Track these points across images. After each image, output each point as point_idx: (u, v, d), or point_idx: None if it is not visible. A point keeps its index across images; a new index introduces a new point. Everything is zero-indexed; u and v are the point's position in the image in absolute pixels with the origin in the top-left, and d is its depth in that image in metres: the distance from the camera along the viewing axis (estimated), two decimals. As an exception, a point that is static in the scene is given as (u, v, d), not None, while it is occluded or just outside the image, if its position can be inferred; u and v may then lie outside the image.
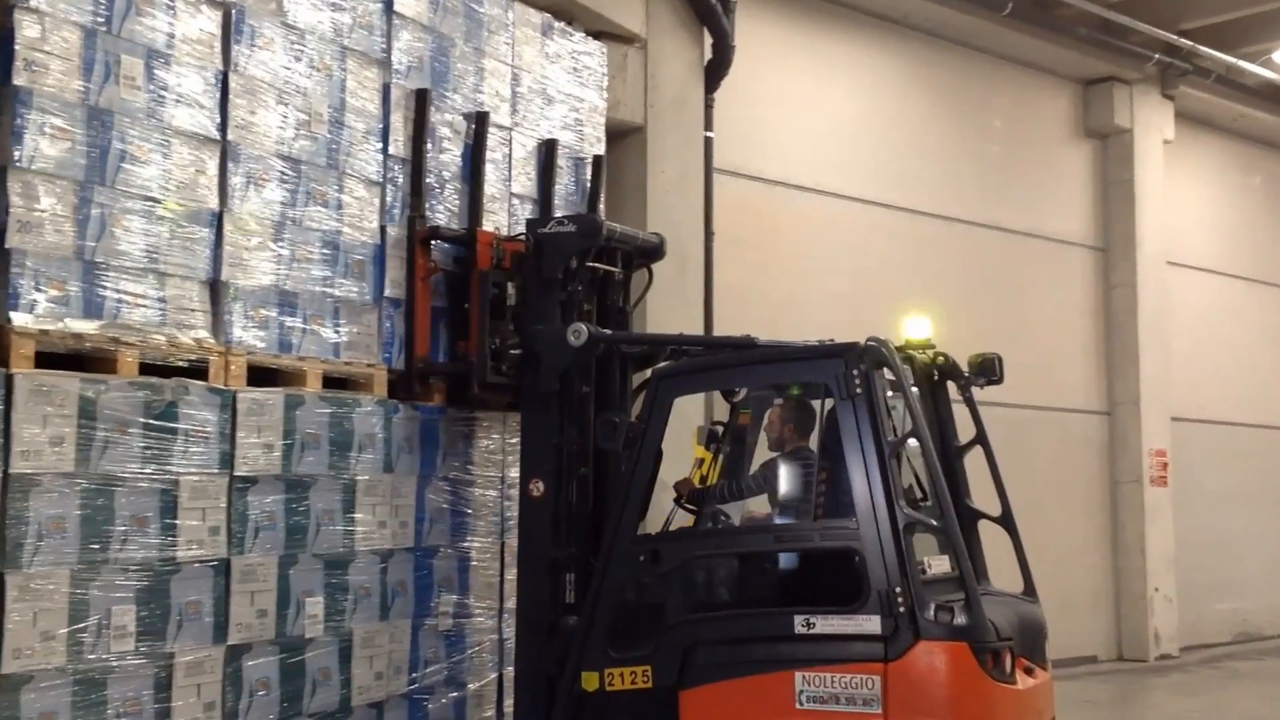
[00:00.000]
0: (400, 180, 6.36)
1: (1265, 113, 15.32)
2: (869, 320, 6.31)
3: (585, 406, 6.13)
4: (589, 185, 7.62)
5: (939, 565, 5.41)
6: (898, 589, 5.02)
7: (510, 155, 7.05)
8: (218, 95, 5.47)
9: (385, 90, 6.29)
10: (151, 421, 5.01)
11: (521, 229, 6.77)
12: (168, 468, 5.07)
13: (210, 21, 5.45)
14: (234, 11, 5.53)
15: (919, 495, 5.63)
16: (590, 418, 6.12)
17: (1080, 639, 12.96)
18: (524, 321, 6.28)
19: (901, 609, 5.00)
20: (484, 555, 6.70)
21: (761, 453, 6.15)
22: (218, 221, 5.46)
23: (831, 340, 5.64)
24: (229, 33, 5.52)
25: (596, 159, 7.66)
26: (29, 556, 4.60)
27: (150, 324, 5.17)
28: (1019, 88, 13.38)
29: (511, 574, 6.81)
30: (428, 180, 6.46)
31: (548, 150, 7.29)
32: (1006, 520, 5.83)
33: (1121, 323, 13.92)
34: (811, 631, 5.14)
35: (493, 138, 6.87)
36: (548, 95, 7.37)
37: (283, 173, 5.74)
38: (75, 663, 4.72)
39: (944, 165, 12.53)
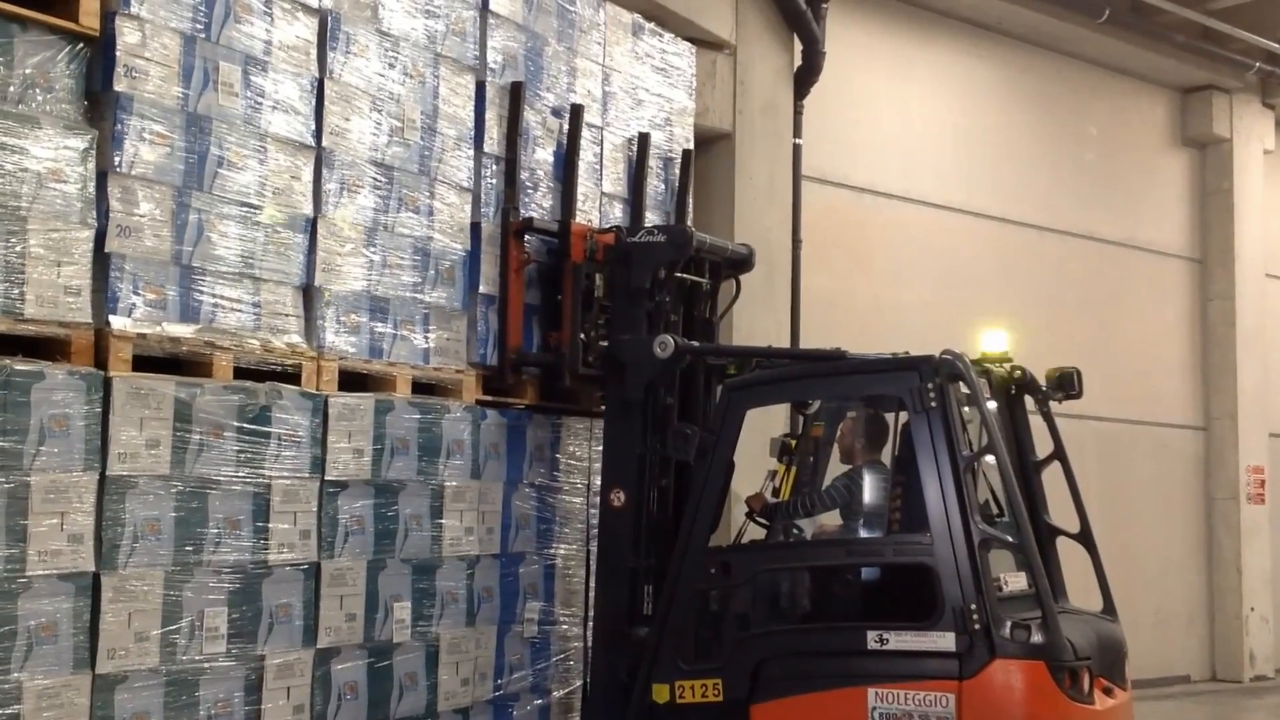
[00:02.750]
0: (494, 178, 6.37)
1: (1369, 121, 14.91)
2: (958, 330, 6.24)
3: (669, 417, 6.11)
4: (678, 185, 7.59)
5: (1015, 582, 5.34)
6: (973, 605, 4.95)
7: (601, 154, 7.05)
8: (313, 102, 5.51)
9: (479, 90, 6.31)
10: (245, 425, 5.06)
11: (613, 226, 6.77)
12: (260, 471, 5.11)
13: (306, 28, 5.50)
14: (329, 18, 5.58)
15: (995, 511, 5.55)
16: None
17: (1174, 658, 12.69)
18: (611, 326, 6.27)
19: (976, 626, 4.94)
20: (570, 562, 6.69)
21: (835, 466, 6.10)
22: (311, 227, 5.50)
23: (907, 352, 5.57)
24: (324, 40, 5.57)
25: (685, 155, 7.64)
26: (124, 558, 4.65)
27: (245, 328, 5.21)
28: (1115, 95, 13.13)
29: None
30: (521, 176, 6.46)
31: (640, 148, 7.28)
32: (1085, 537, 5.74)
33: (1219, 336, 13.61)
34: (885, 647, 5.09)
35: (584, 136, 6.85)
36: (637, 96, 7.38)
37: (375, 179, 5.77)
38: (168, 663, 4.77)
39: (1038, 173, 12.33)
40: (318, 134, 5.52)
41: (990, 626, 4.92)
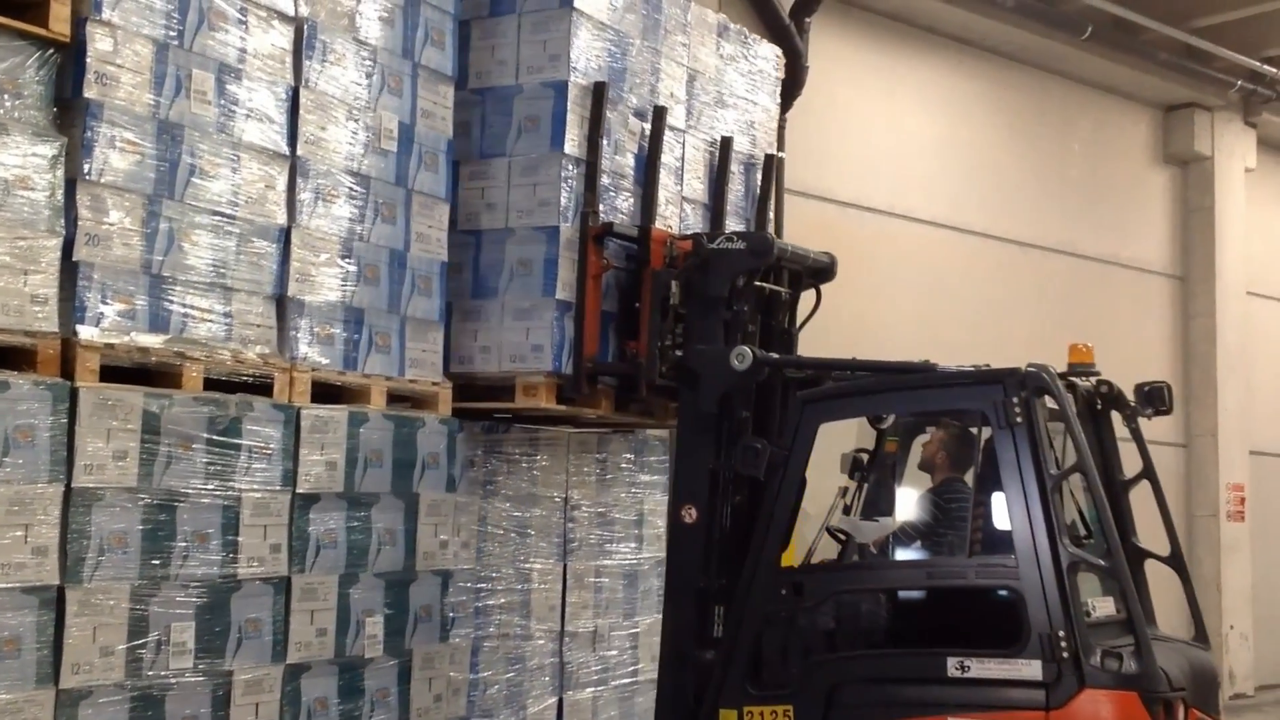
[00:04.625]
0: (574, 180, 6.19)
1: (1351, 140, 14.98)
2: (943, 345, 6.17)
3: (744, 431, 5.73)
4: (759, 191, 7.38)
5: (1104, 607, 5.06)
6: (1061, 632, 4.68)
7: (683, 158, 6.86)
8: (288, 110, 5.45)
9: (560, 89, 6.16)
10: (215, 437, 4.99)
11: (692, 232, 6.58)
12: (230, 484, 5.04)
13: (282, 36, 5.44)
14: (306, 26, 5.52)
15: (1083, 532, 5.31)
16: None
17: (1153, 676, 12.64)
18: (687, 335, 6.02)
19: (1065, 654, 4.66)
20: (546, 577, 6.63)
21: (909, 483, 5.89)
22: (285, 237, 5.43)
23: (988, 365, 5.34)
24: (300, 48, 5.51)
25: (768, 160, 7.43)
26: (90, 571, 4.57)
27: (216, 339, 5.15)
28: (1099, 112, 13.16)
29: (573, 596, 6.76)
30: (602, 180, 6.27)
31: (722, 152, 7.07)
32: (1176, 560, 5.48)
33: (1200, 353, 13.64)
34: (966, 675, 4.81)
35: (666, 139, 6.65)
36: (721, 98, 7.18)
37: (351, 189, 5.71)
38: (134, 679, 4.69)
39: (1021, 189, 12.34)
40: (292, 143, 5.46)
41: (1080, 655, 4.64)
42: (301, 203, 5.49)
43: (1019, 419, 4.92)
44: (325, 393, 5.58)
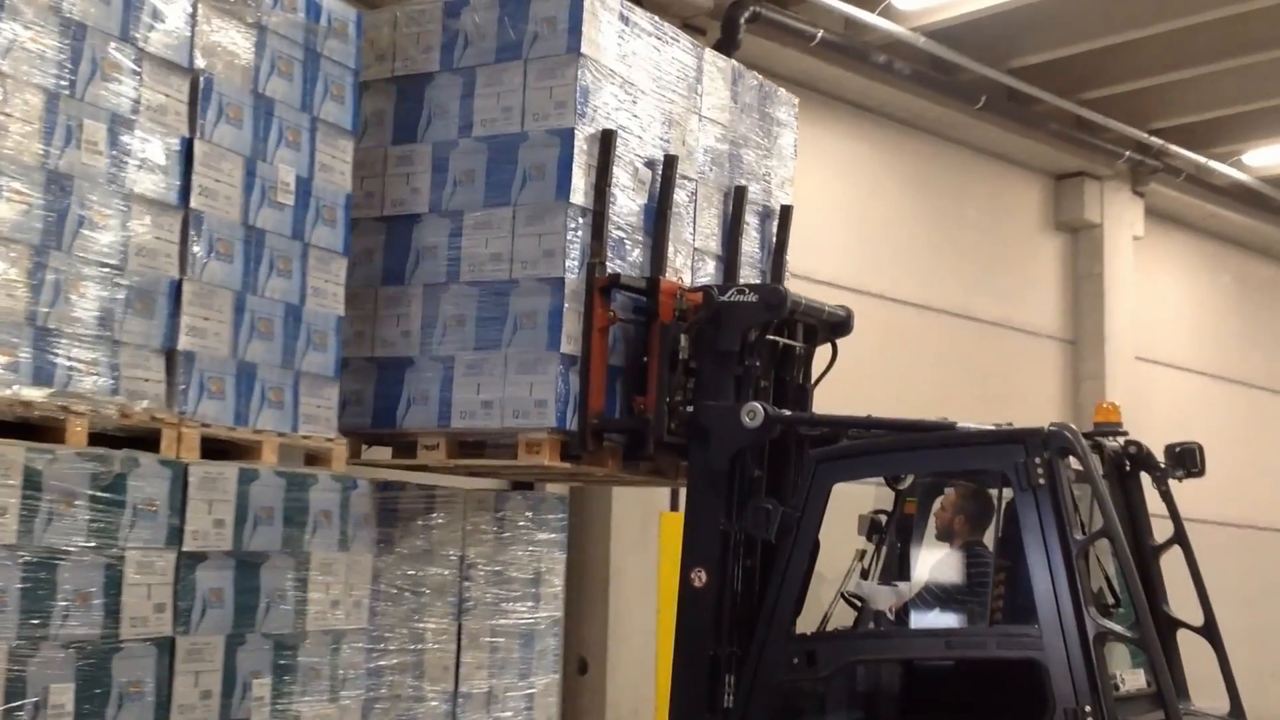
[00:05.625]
0: (580, 230, 5.98)
1: (1235, 212, 15.50)
2: (840, 403, 6.20)
3: (756, 491, 5.57)
4: (775, 242, 7.16)
5: (1134, 680, 4.92)
6: (1087, 707, 4.48)
7: (695, 208, 6.64)
8: (182, 162, 5.39)
9: (567, 137, 5.96)
10: (99, 494, 4.87)
11: (703, 284, 6.36)
12: (113, 542, 4.92)
13: (177, 89, 5.39)
14: (202, 79, 5.47)
15: (1110, 600, 5.19)
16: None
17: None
18: (697, 390, 5.80)
19: None
20: (440, 637, 6.54)
21: (928, 546, 5.75)
22: (176, 290, 5.36)
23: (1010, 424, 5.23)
24: (196, 100, 5.46)
25: (784, 210, 7.18)
26: (-36, 631, 4.44)
27: (102, 392, 5.04)
28: (993, 179, 13.48)
29: (468, 657, 6.67)
30: (611, 231, 6.07)
31: (736, 202, 6.85)
32: (1210, 630, 5.31)
33: (1091, 415, 13.89)
34: None
35: (677, 189, 6.45)
36: (735, 146, 6.96)
37: (246, 242, 5.65)
38: (7, 743, 4.55)
39: (920, 253, 12.57)
40: (185, 195, 5.39)
41: None
42: (194, 255, 5.42)
43: (1041, 480, 4.72)
44: (215, 449, 5.48)
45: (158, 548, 5.08)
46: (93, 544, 4.85)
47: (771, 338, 6.03)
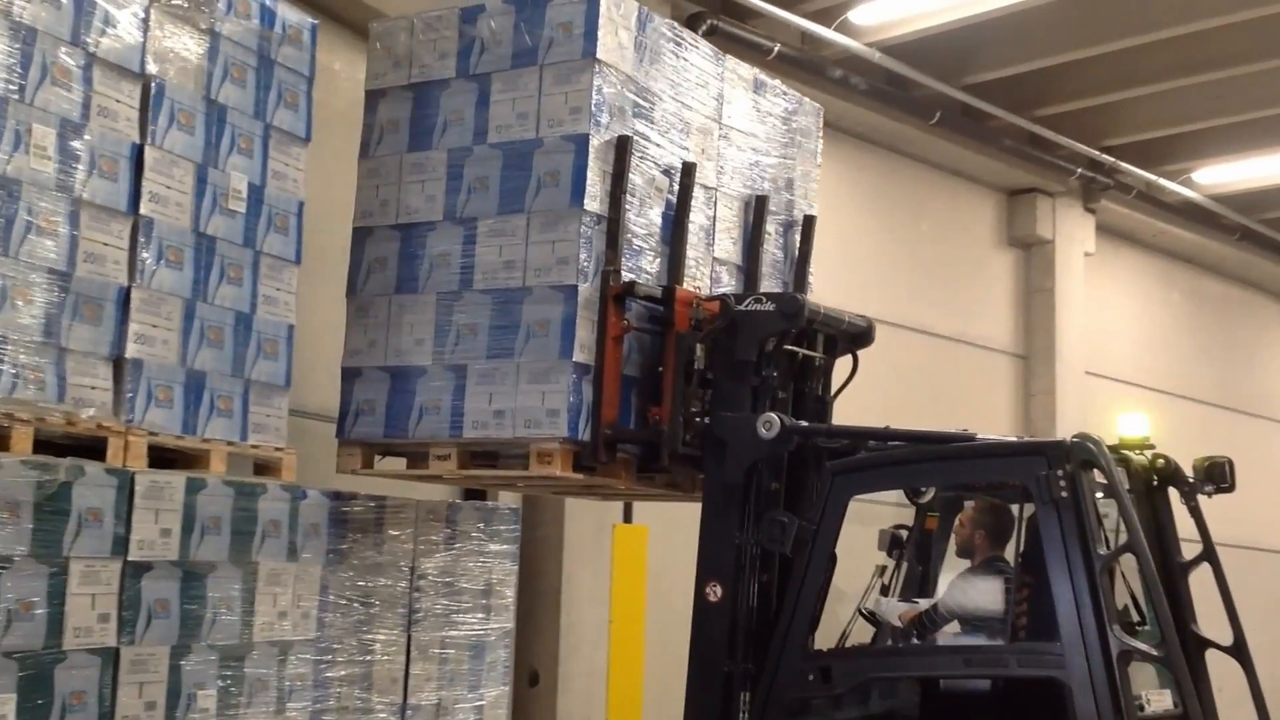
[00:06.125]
0: (595, 238, 5.81)
1: (1184, 230, 15.67)
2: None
3: (773, 504, 5.48)
4: (798, 253, 7.03)
5: (1160, 701, 4.82)
6: None
7: (714, 217, 6.47)
8: (132, 168, 5.35)
9: (581, 143, 5.79)
10: (43, 503, 4.81)
11: (719, 293, 6.23)
12: (57, 552, 4.86)
13: (128, 94, 5.35)
14: (154, 84, 5.43)
15: (1136, 618, 5.11)
16: None
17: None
18: (713, 401, 5.68)
19: None
20: (389, 648, 6.50)
21: (949, 561, 5.63)
22: (125, 297, 5.31)
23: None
24: (147, 105, 5.42)
25: (807, 220, 7.06)
26: (-99, 641, 4.37)
27: (47, 401, 4.99)
28: (948, 195, 13.57)
29: (417, 668, 6.63)
30: (625, 238, 5.91)
31: (757, 212, 6.70)
32: (1239, 650, 5.16)
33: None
34: None
35: (696, 197, 6.31)
36: (756, 155, 6.80)
37: (196, 249, 5.61)
38: (-55, 755, 4.48)
39: (875, 268, 12.62)
40: (135, 201, 5.35)
41: None
42: (143, 262, 5.38)
43: (1063, 493, 4.60)
44: (163, 457, 5.44)
45: (103, 557, 5.03)
46: (36, 553, 4.79)
47: (790, 348, 5.90)
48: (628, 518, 9.38)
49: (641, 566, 9.35)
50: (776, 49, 10.71)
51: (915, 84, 11.98)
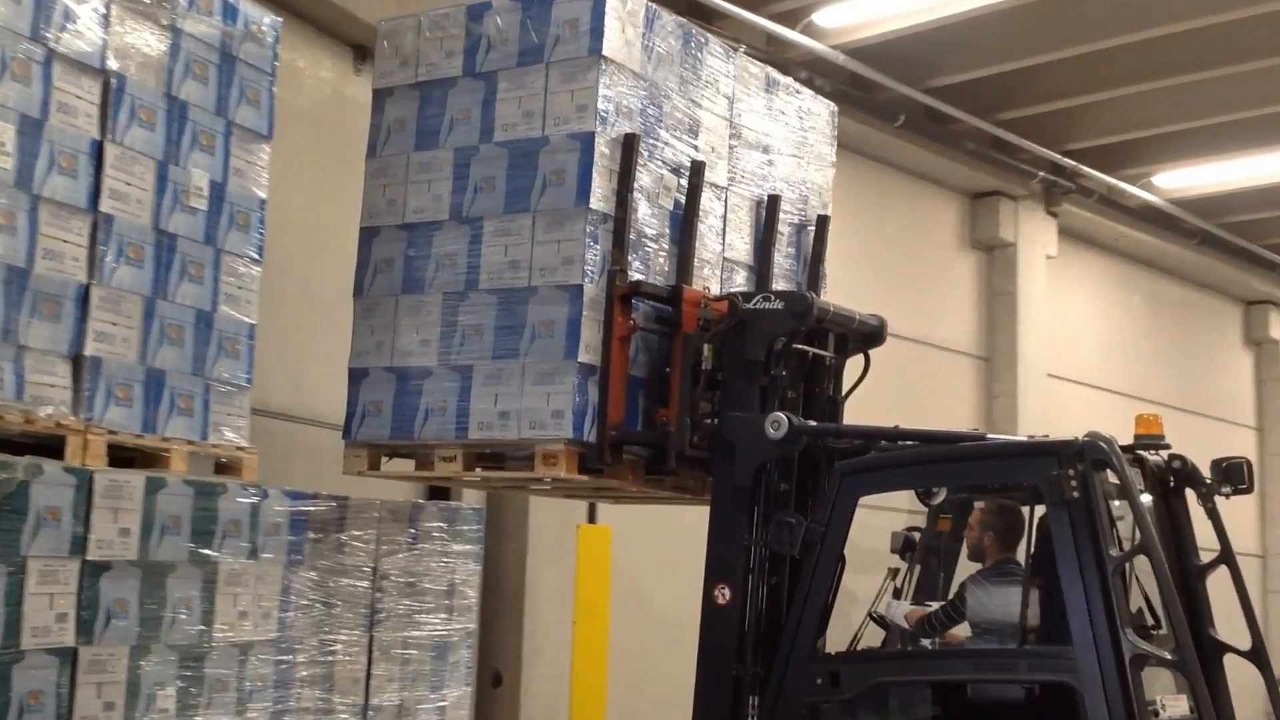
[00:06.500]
0: (601, 237, 5.70)
1: (1144, 233, 15.81)
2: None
3: (782, 506, 5.41)
4: (811, 254, 6.88)
5: (1176, 706, 4.76)
6: None
7: (725, 217, 6.35)
8: (92, 165, 5.30)
9: (587, 141, 5.68)
10: (0, 501, 4.77)
11: (727, 292, 6.12)
12: (14, 551, 4.81)
13: (88, 90, 5.31)
14: (114, 80, 5.40)
15: (1150, 622, 5.04)
16: None
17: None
18: (722, 402, 5.59)
19: None
20: (351, 649, 6.46)
21: (962, 563, 5.58)
22: (84, 294, 5.27)
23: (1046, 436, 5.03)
24: (108, 102, 5.38)
25: (821, 221, 6.91)
26: None
27: (5, 398, 4.94)
28: (912, 197, 13.64)
29: (379, 669, 6.60)
30: (632, 238, 5.79)
31: (769, 212, 6.57)
32: (1258, 655, 5.08)
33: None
34: None
35: (706, 196, 6.19)
36: (769, 154, 6.67)
37: (157, 247, 5.57)
38: (-101, 757, 4.43)
39: (840, 269, 12.56)
40: (95, 198, 5.31)
41: None
42: (103, 259, 5.34)
43: (1075, 494, 4.53)
44: (122, 456, 5.40)
45: (61, 557, 4.98)
46: (-8, 553, 4.75)
47: (800, 348, 5.83)
48: (592, 518, 9.38)
49: (606, 567, 9.35)
50: (741, 50, 10.72)
51: (879, 87, 12.03)
